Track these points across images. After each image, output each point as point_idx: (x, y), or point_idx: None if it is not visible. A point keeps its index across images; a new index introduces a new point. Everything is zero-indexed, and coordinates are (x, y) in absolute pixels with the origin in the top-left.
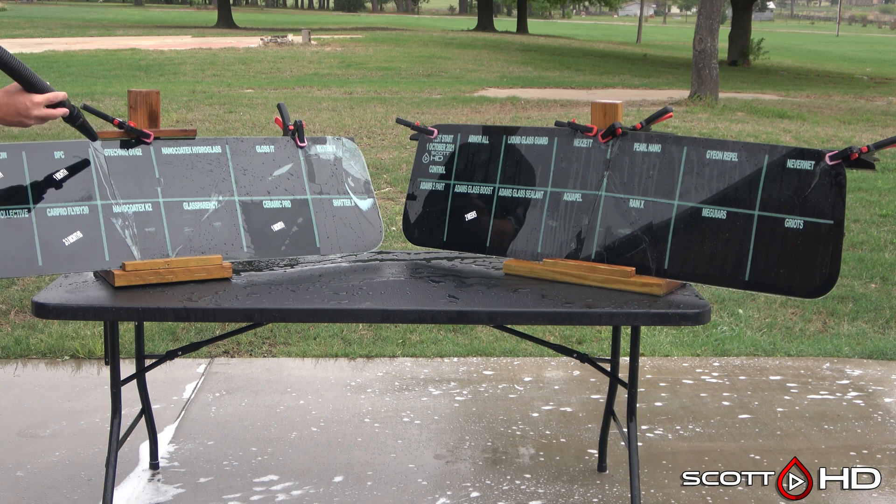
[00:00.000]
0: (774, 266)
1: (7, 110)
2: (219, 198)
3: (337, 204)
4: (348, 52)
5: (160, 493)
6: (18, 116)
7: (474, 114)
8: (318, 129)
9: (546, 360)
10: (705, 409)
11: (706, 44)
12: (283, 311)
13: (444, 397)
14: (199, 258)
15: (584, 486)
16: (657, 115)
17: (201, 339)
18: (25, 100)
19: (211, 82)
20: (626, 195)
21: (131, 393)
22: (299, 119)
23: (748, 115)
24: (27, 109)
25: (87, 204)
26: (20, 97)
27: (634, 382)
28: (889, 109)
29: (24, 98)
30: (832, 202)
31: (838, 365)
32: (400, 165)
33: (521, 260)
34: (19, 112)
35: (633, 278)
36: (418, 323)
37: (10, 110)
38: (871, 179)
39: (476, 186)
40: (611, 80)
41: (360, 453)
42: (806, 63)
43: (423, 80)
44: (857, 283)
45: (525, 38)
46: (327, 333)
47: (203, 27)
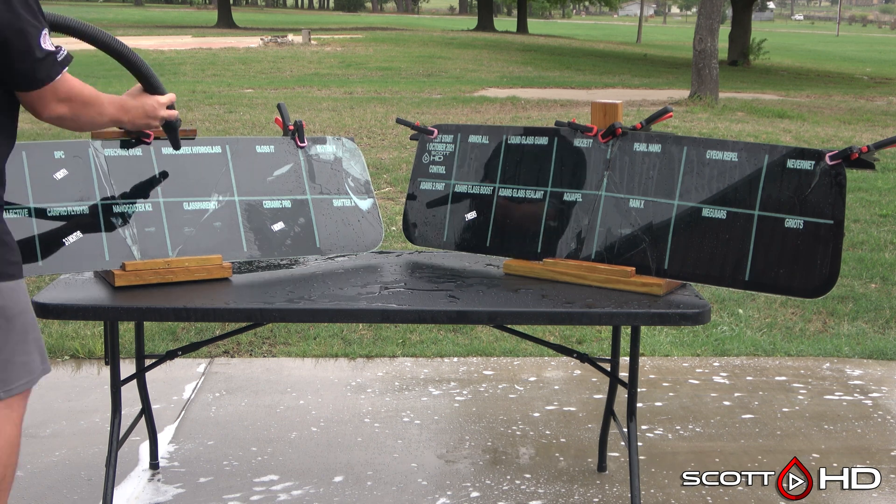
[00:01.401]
0: (774, 266)
1: (136, 112)
2: (219, 198)
3: (337, 204)
4: (348, 52)
5: (160, 493)
6: (146, 118)
7: (474, 114)
8: (318, 129)
9: (546, 360)
10: (705, 408)
11: (706, 44)
12: (283, 311)
13: (444, 397)
14: (199, 258)
15: (584, 486)
16: (657, 115)
17: (201, 339)
18: (153, 101)
19: (211, 82)
20: (626, 195)
21: (131, 393)
22: (299, 119)
23: (748, 115)
24: (154, 110)
25: (87, 204)
26: (146, 98)
27: (634, 382)
28: (889, 109)
29: (150, 100)
30: (832, 202)
31: (838, 365)
32: (400, 165)
33: (521, 260)
34: (147, 113)
35: (633, 278)
36: (418, 323)
37: (139, 112)
38: (871, 179)
39: (476, 186)
40: (611, 80)
41: (360, 453)
42: (806, 63)
43: (423, 80)
44: (857, 283)
45: (525, 38)
46: (327, 333)
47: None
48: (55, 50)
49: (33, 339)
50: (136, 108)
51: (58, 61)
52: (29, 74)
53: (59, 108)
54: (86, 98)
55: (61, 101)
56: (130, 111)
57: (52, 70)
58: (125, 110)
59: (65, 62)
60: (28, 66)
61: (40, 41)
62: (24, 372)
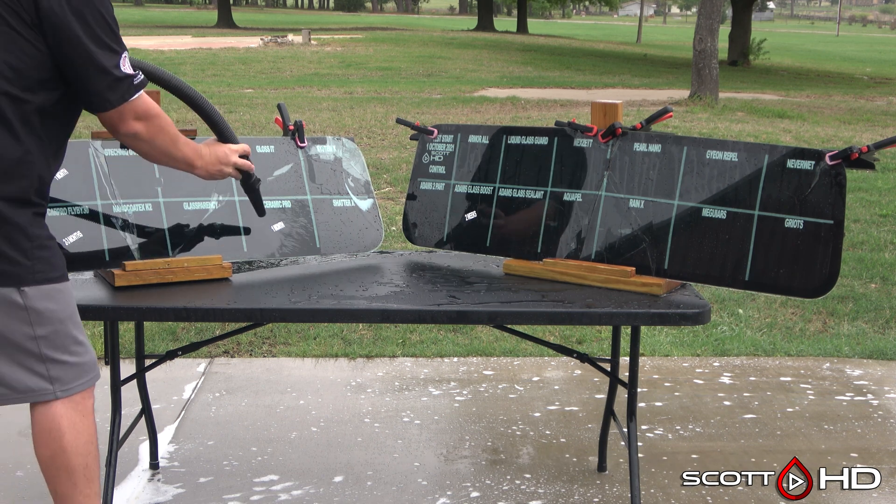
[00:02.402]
0: (774, 266)
1: (210, 159)
2: (219, 198)
3: (337, 204)
4: (348, 52)
5: (160, 493)
6: (219, 164)
7: (474, 114)
8: (318, 129)
9: (546, 360)
10: (705, 409)
11: (706, 44)
12: (283, 311)
13: (444, 397)
14: (199, 258)
15: (584, 486)
16: (657, 115)
17: (201, 339)
18: (225, 149)
19: (211, 82)
20: (626, 195)
21: (131, 393)
22: (299, 119)
23: (748, 115)
24: (227, 157)
25: (87, 204)
26: (219, 147)
27: (634, 382)
28: (889, 109)
29: (223, 147)
30: (832, 202)
31: (838, 365)
32: (400, 165)
33: (521, 260)
34: (220, 160)
35: (633, 278)
36: (418, 323)
37: (213, 159)
38: (871, 179)
39: (476, 186)
40: (611, 80)
41: (360, 453)
42: (806, 63)
43: (423, 80)
44: (857, 283)
45: (525, 38)
46: (327, 333)
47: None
48: (133, 74)
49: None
50: (209, 154)
51: (134, 84)
52: (109, 94)
53: (137, 125)
54: (163, 122)
55: (139, 119)
56: (204, 157)
57: (128, 90)
58: (199, 155)
59: (141, 85)
60: (107, 86)
61: (120, 64)
62: (80, 372)
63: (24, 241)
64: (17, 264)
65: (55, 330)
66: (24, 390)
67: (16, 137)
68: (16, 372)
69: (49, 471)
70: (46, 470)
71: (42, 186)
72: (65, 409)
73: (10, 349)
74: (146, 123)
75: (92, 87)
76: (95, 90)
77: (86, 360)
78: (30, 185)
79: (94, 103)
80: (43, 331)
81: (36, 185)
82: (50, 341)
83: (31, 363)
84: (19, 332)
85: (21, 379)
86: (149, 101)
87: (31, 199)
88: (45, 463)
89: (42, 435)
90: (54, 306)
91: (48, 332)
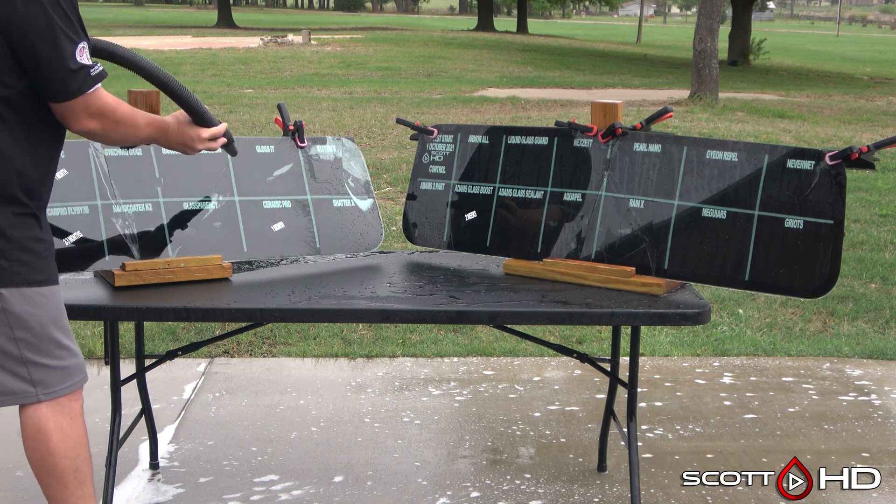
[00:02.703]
0: (774, 266)
1: (174, 137)
2: (219, 198)
3: (337, 204)
4: (348, 52)
5: (160, 493)
6: (183, 146)
7: (474, 114)
8: (318, 129)
9: (546, 360)
10: (705, 409)
11: (706, 44)
12: (283, 311)
13: (444, 397)
14: (199, 258)
15: (584, 486)
16: (657, 115)
17: (201, 339)
18: (193, 132)
19: (211, 82)
20: (626, 195)
21: (131, 393)
22: (299, 119)
23: (748, 115)
24: (192, 141)
25: (87, 204)
26: (189, 129)
27: (634, 382)
28: (889, 109)
29: (192, 130)
30: (832, 202)
31: (838, 365)
32: (400, 165)
33: (521, 260)
34: (185, 143)
35: (633, 278)
36: (418, 323)
37: (177, 139)
38: (871, 179)
39: (476, 186)
40: (611, 80)
41: (360, 453)
42: (806, 63)
43: (423, 80)
44: (857, 283)
45: (525, 38)
46: (327, 333)
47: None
48: (90, 64)
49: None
50: (176, 134)
51: (91, 76)
52: (60, 85)
53: (90, 122)
54: (119, 116)
55: (92, 117)
56: (169, 136)
57: (83, 83)
58: (164, 133)
59: (98, 77)
60: (60, 77)
61: (76, 53)
62: (64, 376)
63: (1, 243)
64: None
65: (35, 334)
66: (6, 392)
67: None
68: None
69: (39, 473)
70: (37, 472)
71: (24, 183)
72: (51, 412)
73: None
74: (101, 121)
75: (46, 77)
76: (49, 80)
77: (70, 363)
78: (6, 181)
79: (49, 93)
80: (23, 334)
81: (15, 181)
82: (30, 344)
83: (12, 365)
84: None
85: (2, 381)
86: (104, 98)
87: (13, 196)
88: (35, 465)
89: (30, 438)
90: (34, 310)
91: (28, 335)
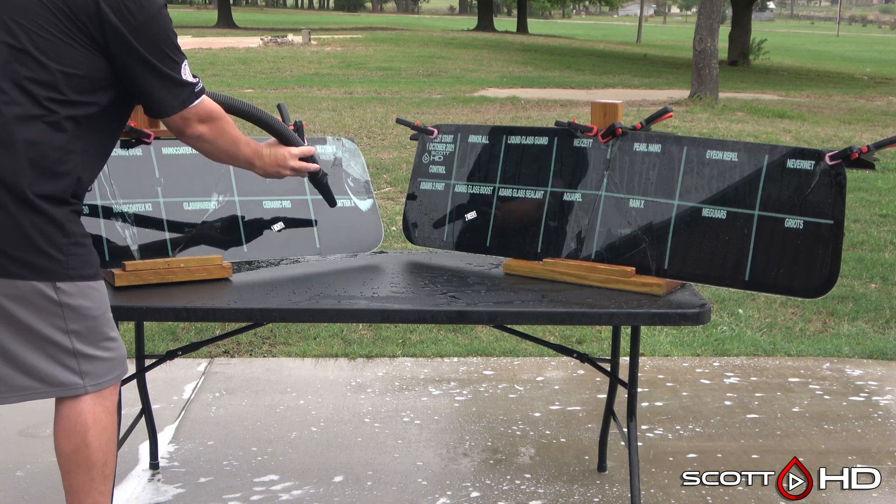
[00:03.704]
0: (774, 266)
1: (269, 160)
2: (219, 198)
3: (337, 204)
4: (348, 52)
5: (160, 493)
6: (277, 167)
7: (474, 114)
8: (318, 129)
9: (546, 360)
10: (705, 409)
11: (706, 44)
12: (283, 311)
13: (444, 397)
14: (199, 258)
15: (584, 486)
16: (657, 115)
17: (201, 339)
18: (284, 151)
19: (211, 82)
20: (626, 195)
21: (131, 393)
22: (299, 119)
23: (748, 115)
24: (284, 160)
25: (87, 204)
26: (279, 149)
27: (634, 382)
28: (889, 109)
29: (282, 150)
30: (832, 202)
31: (838, 365)
32: (400, 165)
33: (521, 260)
34: (278, 162)
35: (633, 278)
36: (418, 323)
37: (271, 161)
38: (871, 179)
39: (476, 186)
40: (611, 80)
41: (360, 453)
42: (806, 63)
43: (423, 80)
44: (857, 283)
45: (525, 38)
46: (327, 333)
47: (203, 27)
48: (195, 81)
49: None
50: (269, 155)
51: (195, 91)
52: (170, 99)
53: (200, 127)
54: (226, 124)
55: (202, 122)
56: (264, 157)
57: (191, 96)
58: (259, 155)
59: (202, 91)
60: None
61: (181, 72)
62: (111, 367)
63: (60, 238)
64: (53, 260)
65: (87, 326)
66: (55, 384)
67: (64, 138)
68: (48, 366)
69: (69, 464)
70: (66, 463)
71: (80, 187)
72: (93, 403)
73: (43, 343)
74: (209, 126)
75: (155, 95)
76: (159, 97)
77: (116, 355)
78: (69, 184)
79: (158, 109)
80: (76, 326)
81: (75, 185)
82: (82, 336)
83: (63, 357)
84: (52, 327)
85: (53, 373)
86: (211, 105)
87: (69, 198)
88: (66, 456)
89: (66, 428)
90: (87, 303)
91: (81, 327)
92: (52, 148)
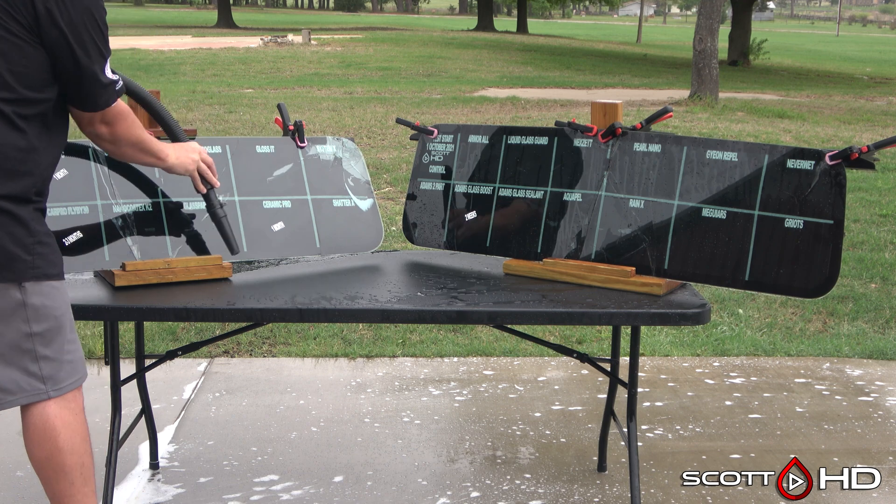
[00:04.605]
0: (774, 266)
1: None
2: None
3: (337, 204)
4: (348, 52)
5: (160, 493)
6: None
7: (474, 114)
8: (318, 129)
9: (546, 360)
10: (705, 408)
11: (706, 44)
12: (283, 311)
13: (444, 397)
14: (199, 258)
15: (584, 486)
16: (657, 114)
17: (201, 339)
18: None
19: (211, 82)
20: (626, 195)
21: (131, 393)
22: (299, 119)
23: (748, 115)
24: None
25: (87, 204)
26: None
27: (634, 382)
28: (889, 109)
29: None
30: (832, 202)
31: (838, 365)
32: (400, 165)
33: (521, 260)
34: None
35: (633, 278)
36: (418, 323)
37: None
38: (871, 179)
39: (476, 186)
40: (611, 80)
41: (360, 453)
42: (806, 63)
43: (423, 80)
44: (857, 283)
45: (525, 38)
46: (327, 333)
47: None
48: (117, 79)
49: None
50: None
51: (116, 91)
52: (93, 98)
53: (102, 128)
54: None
55: (105, 123)
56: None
57: (112, 96)
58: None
59: (121, 91)
60: (96, 90)
61: (106, 69)
62: (72, 370)
63: (25, 237)
64: (18, 259)
65: (50, 327)
66: (17, 391)
67: (23, 137)
68: (10, 372)
69: (45, 472)
70: (42, 471)
71: (44, 184)
72: (58, 408)
73: (5, 348)
74: (111, 128)
75: (82, 90)
76: (85, 93)
77: (77, 357)
78: (32, 183)
79: (81, 104)
80: (39, 327)
81: (39, 183)
82: (44, 338)
83: (25, 362)
84: (15, 330)
85: (14, 379)
86: (120, 106)
87: (32, 196)
88: (41, 464)
89: (36, 436)
90: (51, 303)
91: (44, 329)
92: (11, 148)
